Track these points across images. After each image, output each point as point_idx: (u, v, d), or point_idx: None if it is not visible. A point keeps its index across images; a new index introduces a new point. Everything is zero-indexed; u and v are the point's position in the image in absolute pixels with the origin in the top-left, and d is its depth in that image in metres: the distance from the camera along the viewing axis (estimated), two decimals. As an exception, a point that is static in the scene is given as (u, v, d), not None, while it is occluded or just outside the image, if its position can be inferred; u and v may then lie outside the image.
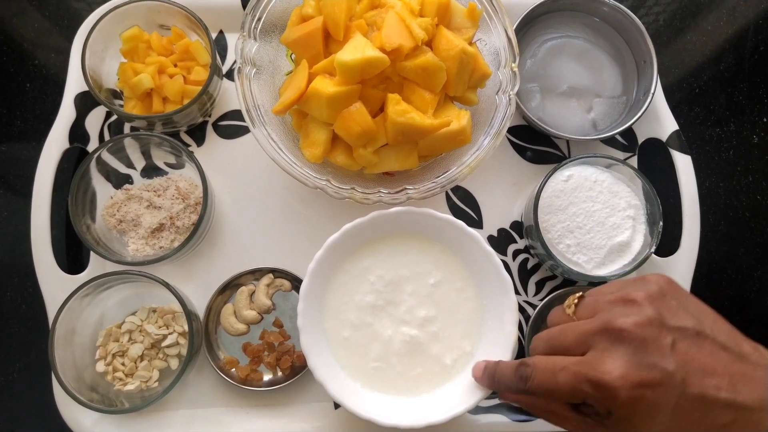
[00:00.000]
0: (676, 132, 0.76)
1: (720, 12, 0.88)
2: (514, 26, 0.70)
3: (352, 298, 0.65)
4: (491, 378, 0.58)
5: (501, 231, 0.76)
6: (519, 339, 0.72)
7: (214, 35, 0.78)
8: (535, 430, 0.70)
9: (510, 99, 0.66)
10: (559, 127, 0.75)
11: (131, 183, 0.73)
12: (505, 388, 0.55)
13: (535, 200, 0.68)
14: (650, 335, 0.45)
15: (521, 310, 0.74)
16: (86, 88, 0.69)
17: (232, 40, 0.79)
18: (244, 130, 0.77)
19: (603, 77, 0.77)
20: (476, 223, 0.76)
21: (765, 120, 0.82)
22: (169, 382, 0.64)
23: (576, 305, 0.51)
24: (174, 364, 0.69)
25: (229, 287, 0.72)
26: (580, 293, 0.52)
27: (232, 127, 0.77)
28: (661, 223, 0.68)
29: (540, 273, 0.76)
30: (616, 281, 0.51)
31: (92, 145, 0.74)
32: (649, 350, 0.44)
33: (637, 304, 0.46)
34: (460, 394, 0.63)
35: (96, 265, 0.72)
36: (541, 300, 0.71)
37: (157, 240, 0.70)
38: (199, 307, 0.71)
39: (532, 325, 0.70)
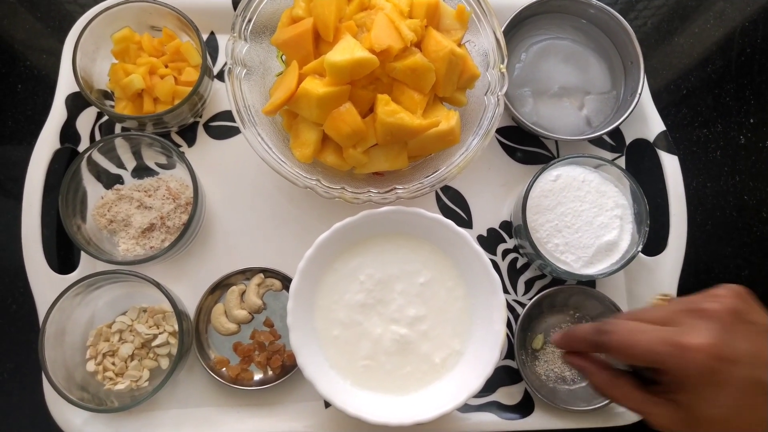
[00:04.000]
0: (663, 132, 0.76)
1: (707, 15, 0.89)
2: (503, 28, 0.70)
3: (341, 297, 0.65)
4: (565, 335, 0.58)
5: (490, 231, 0.77)
6: (508, 337, 0.73)
7: (205, 36, 0.78)
8: (524, 428, 0.70)
9: (498, 100, 0.66)
10: (554, 128, 0.75)
11: (122, 183, 0.73)
12: (579, 343, 0.56)
13: (524, 200, 0.69)
14: (731, 320, 0.49)
15: (511, 309, 0.75)
16: (77, 89, 0.70)
17: (223, 41, 0.79)
18: (235, 131, 0.77)
19: (591, 75, 0.78)
20: (466, 222, 0.77)
21: (752, 121, 0.83)
22: (159, 381, 0.64)
23: (663, 300, 0.58)
24: (164, 363, 0.69)
25: (220, 287, 0.72)
26: (665, 294, 0.61)
27: (223, 127, 0.77)
28: (648, 223, 0.69)
29: (529, 272, 0.76)
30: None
31: (83, 145, 0.74)
32: (731, 331, 0.48)
33: (721, 298, 0.50)
34: (449, 392, 0.63)
35: (87, 265, 0.72)
36: (530, 299, 0.72)
37: (148, 240, 0.70)
38: (190, 306, 0.71)
39: (521, 324, 0.71)
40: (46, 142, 0.72)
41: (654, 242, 0.74)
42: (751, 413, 0.48)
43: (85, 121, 0.75)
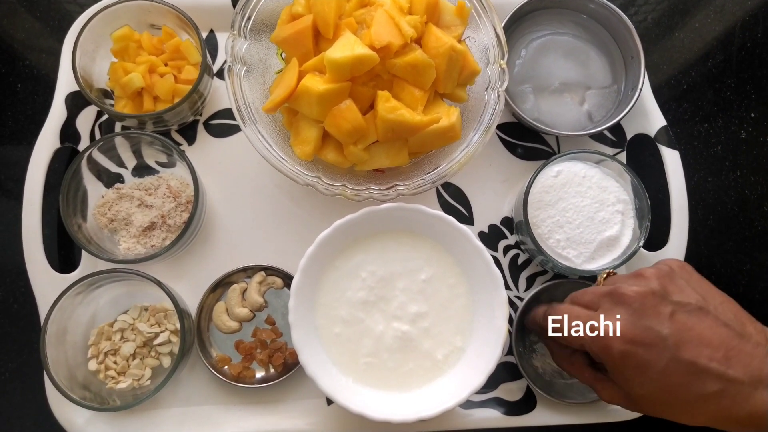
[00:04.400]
0: (664, 127, 0.76)
1: (708, 10, 0.89)
2: (503, 24, 0.70)
3: (343, 294, 0.65)
4: (530, 318, 0.66)
5: (491, 227, 0.77)
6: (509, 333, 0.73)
7: (204, 34, 0.78)
8: (526, 424, 0.70)
9: (499, 95, 0.66)
10: (555, 123, 0.75)
11: (122, 182, 0.73)
12: (536, 327, 0.63)
13: (525, 196, 0.69)
14: (650, 303, 0.51)
15: (512, 305, 0.75)
16: (77, 88, 0.70)
17: (222, 39, 0.79)
18: (235, 129, 0.77)
19: (592, 70, 0.78)
20: (467, 219, 0.77)
21: (753, 115, 0.83)
22: (161, 380, 0.64)
23: (604, 279, 0.61)
24: (166, 362, 0.69)
25: (221, 285, 0.72)
26: (610, 270, 0.63)
27: (223, 125, 0.77)
28: (649, 218, 0.69)
29: (530, 268, 0.76)
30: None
31: (83, 144, 0.74)
32: (646, 315, 0.51)
33: (645, 278, 0.53)
34: (451, 389, 0.63)
35: (88, 264, 0.72)
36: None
37: (149, 239, 0.70)
38: (191, 305, 0.71)
39: (519, 316, 0.71)
40: (46, 142, 0.72)
41: (655, 237, 0.74)
42: (686, 391, 0.49)
43: (85, 120, 0.75)
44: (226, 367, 0.70)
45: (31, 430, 0.71)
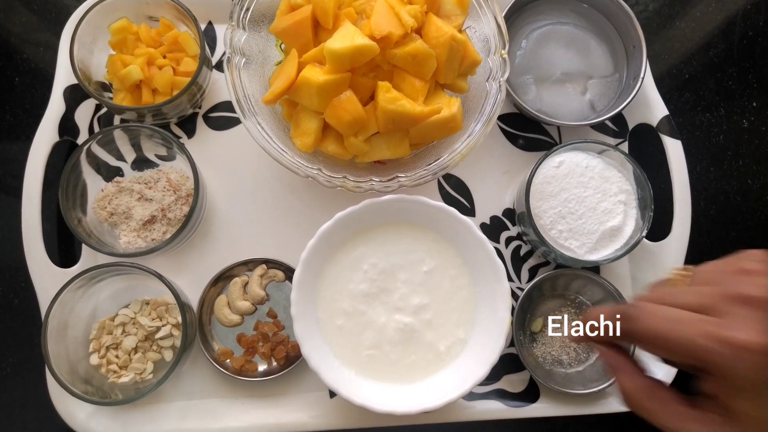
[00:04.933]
0: (666, 117, 0.76)
1: (709, -1, 0.88)
2: (503, 13, 0.70)
3: (345, 287, 0.65)
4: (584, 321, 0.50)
5: (493, 218, 0.77)
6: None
7: (203, 26, 0.78)
8: (529, 415, 0.70)
9: (500, 86, 0.66)
10: (557, 114, 0.75)
11: (122, 175, 0.73)
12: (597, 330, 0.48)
13: (527, 186, 0.68)
14: None
15: (514, 296, 0.74)
16: (75, 81, 0.69)
17: (221, 31, 0.79)
18: (235, 122, 0.76)
19: (593, 59, 0.77)
20: (469, 211, 0.76)
21: (754, 104, 0.83)
22: (164, 373, 0.64)
23: (683, 276, 0.48)
24: (168, 355, 0.69)
25: (222, 278, 0.72)
26: (685, 268, 0.48)
27: (222, 118, 0.77)
28: (652, 208, 0.68)
29: (533, 260, 0.76)
30: (714, 261, 0.47)
31: (82, 138, 0.74)
32: None
33: (757, 273, 0.43)
34: (454, 380, 0.63)
35: (88, 258, 0.72)
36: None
37: (149, 232, 0.69)
38: (193, 298, 0.71)
39: (521, 304, 0.70)
40: (45, 135, 0.72)
41: (658, 227, 0.74)
42: None
43: (83, 114, 0.74)
44: (229, 360, 0.70)
45: (32, 424, 0.71)
